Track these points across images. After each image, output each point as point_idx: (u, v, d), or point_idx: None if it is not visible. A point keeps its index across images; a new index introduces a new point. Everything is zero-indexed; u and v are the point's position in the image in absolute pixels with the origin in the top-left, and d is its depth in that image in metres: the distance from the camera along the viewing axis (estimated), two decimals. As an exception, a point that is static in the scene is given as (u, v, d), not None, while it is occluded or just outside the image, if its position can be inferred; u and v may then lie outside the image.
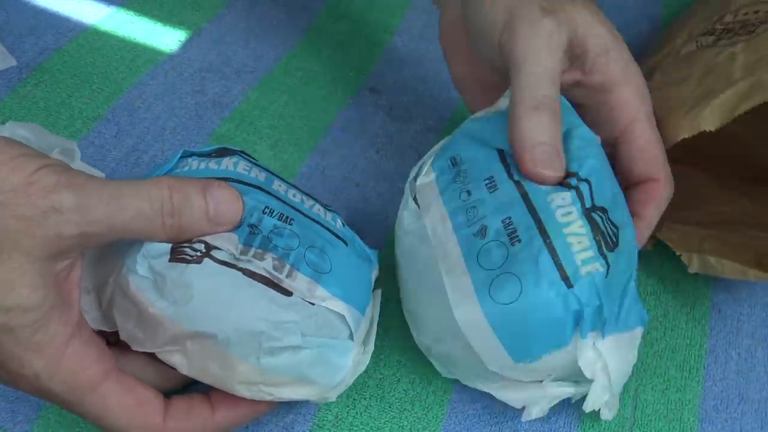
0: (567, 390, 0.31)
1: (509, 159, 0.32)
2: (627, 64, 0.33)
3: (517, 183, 0.31)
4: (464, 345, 0.29)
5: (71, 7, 0.47)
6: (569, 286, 0.28)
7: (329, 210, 0.33)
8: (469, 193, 0.31)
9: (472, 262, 0.29)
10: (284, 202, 0.31)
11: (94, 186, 0.25)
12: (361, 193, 0.42)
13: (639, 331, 0.30)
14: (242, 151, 0.33)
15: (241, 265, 0.28)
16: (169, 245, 0.28)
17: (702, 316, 0.39)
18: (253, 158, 0.33)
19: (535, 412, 0.31)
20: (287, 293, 0.28)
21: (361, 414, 0.33)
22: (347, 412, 0.33)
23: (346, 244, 0.32)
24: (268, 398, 0.29)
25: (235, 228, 0.29)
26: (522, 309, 0.28)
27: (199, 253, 0.27)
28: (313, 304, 0.28)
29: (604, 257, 0.28)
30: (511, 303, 0.28)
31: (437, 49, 0.38)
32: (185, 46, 0.47)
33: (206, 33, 0.48)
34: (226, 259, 0.28)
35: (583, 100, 0.34)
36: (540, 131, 0.30)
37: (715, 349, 0.37)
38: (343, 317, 0.29)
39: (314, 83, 0.47)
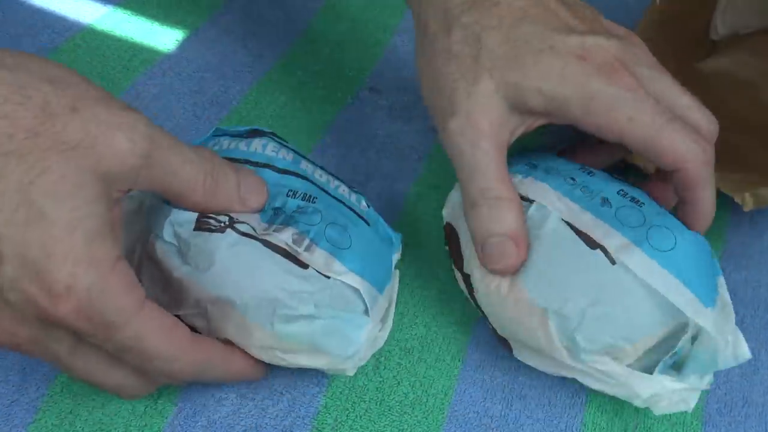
0: (694, 385, 0.31)
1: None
2: (581, 96, 0.30)
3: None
4: (593, 301, 0.30)
5: (68, 7, 0.47)
6: None
7: (354, 191, 0.35)
8: (573, 179, 0.33)
9: (614, 223, 0.31)
10: (310, 181, 0.33)
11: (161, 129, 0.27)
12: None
13: None
14: (272, 133, 0.34)
15: (261, 237, 0.29)
16: (195, 215, 0.29)
17: (705, 317, 0.38)
18: (283, 139, 0.35)
19: (665, 406, 0.31)
20: (304, 266, 0.29)
21: (360, 417, 0.33)
22: (346, 416, 0.33)
23: (368, 224, 0.33)
24: (283, 364, 0.30)
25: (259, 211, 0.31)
26: (685, 250, 0.30)
27: (222, 224, 0.29)
28: (328, 277, 0.30)
29: None
30: (672, 249, 0.30)
31: (437, 48, 0.38)
32: (183, 45, 0.46)
33: (204, 32, 0.47)
34: (248, 231, 0.29)
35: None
36: (481, 228, 0.31)
37: (718, 352, 0.37)
38: (358, 291, 0.30)
39: (313, 83, 0.46)
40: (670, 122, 0.31)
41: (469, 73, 0.31)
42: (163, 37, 0.46)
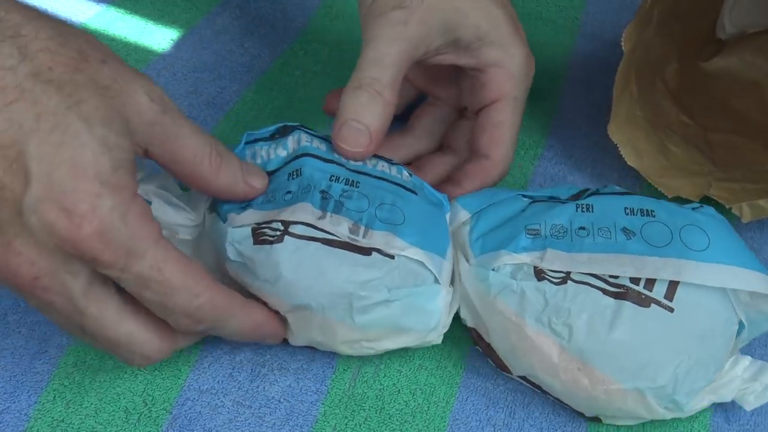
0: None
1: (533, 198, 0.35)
2: (505, 49, 0.35)
3: (580, 204, 0.33)
4: (678, 362, 0.30)
5: (60, 5, 0.46)
6: None
7: (393, 164, 0.35)
8: (583, 228, 0.32)
9: (649, 250, 0.31)
10: (347, 168, 0.33)
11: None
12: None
13: None
14: (300, 125, 0.35)
15: (319, 236, 0.30)
16: (249, 229, 0.30)
17: (711, 323, 0.38)
18: (312, 130, 0.35)
19: (753, 401, 0.32)
20: (367, 252, 0.30)
21: (360, 426, 0.32)
22: (346, 424, 0.32)
23: (416, 193, 0.33)
24: (371, 353, 0.32)
25: (306, 197, 0.31)
26: (719, 235, 0.31)
27: (278, 232, 0.30)
28: (392, 257, 0.30)
29: None
30: (709, 243, 0.31)
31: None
32: (178, 45, 0.46)
33: (200, 31, 0.47)
34: (305, 233, 0.30)
35: (463, 76, 0.38)
36: (353, 109, 0.33)
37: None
38: (423, 264, 0.31)
39: (312, 83, 0.46)
40: None
41: None
42: (157, 37, 0.46)
